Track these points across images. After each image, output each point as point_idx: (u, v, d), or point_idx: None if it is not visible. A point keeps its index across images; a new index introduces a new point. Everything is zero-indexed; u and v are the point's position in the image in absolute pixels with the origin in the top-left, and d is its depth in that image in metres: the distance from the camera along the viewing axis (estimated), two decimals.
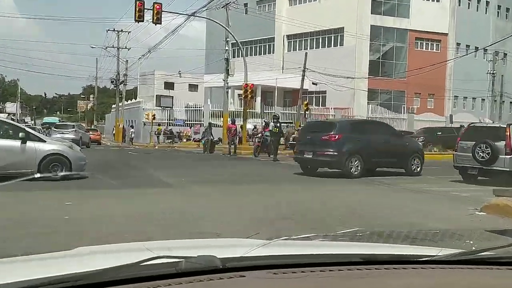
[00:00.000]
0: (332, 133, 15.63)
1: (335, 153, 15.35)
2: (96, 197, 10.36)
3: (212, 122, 32.43)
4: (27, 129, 14.03)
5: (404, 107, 48.33)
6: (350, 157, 15.43)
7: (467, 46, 50.39)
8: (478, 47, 47.92)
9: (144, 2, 24.81)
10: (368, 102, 46.21)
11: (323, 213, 8.77)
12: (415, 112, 46.09)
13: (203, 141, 31.97)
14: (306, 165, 16.63)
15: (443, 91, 50.17)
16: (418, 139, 33.49)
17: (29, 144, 12.82)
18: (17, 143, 12.73)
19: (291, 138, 29.21)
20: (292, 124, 38.63)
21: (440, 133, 34.20)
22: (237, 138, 27.37)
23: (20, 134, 12.81)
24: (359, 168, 15.53)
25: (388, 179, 15.18)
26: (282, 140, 27.86)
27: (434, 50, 50.30)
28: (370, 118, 42.97)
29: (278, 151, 23.42)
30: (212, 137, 28.79)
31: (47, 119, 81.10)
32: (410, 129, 41.01)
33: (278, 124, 23.36)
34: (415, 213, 8.91)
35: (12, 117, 61.95)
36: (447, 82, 50.68)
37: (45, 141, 13.29)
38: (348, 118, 38.50)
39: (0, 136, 12.90)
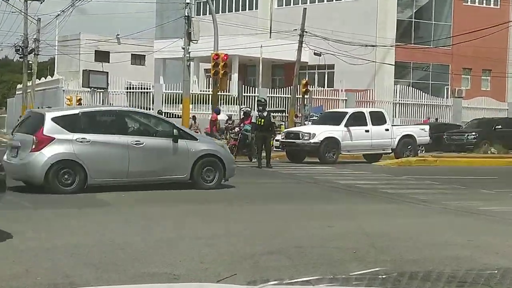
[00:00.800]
0: None
1: None
2: None
3: (163, 111, 32.34)
4: (176, 124, 16.33)
5: (447, 88, 48.62)
6: None
7: None
8: None
9: None
10: (395, 82, 46.40)
11: (331, 243, 8.84)
12: (464, 96, 46.42)
13: None
14: None
15: (505, 66, 50.58)
16: (468, 135, 33.75)
17: (181, 143, 15.01)
18: (168, 142, 14.90)
19: (279, 133, 28.82)
20: (284, 114, 38.62)
21: (500, 126, 34.49)
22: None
23: (174, 131, 15.00)
24: None
25: (424, 194, 15.34)
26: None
27: (492, 6, 50.72)
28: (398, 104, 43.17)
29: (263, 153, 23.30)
30: None
31: None
32: (457, 120, 41.32)
33: (265, 114, 23.07)
34: (462, 244, 9.02)
35: None
36: (510, 52, 51.14)
37: (197, 139, 15.69)
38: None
39: (150, 133, 15.19)
